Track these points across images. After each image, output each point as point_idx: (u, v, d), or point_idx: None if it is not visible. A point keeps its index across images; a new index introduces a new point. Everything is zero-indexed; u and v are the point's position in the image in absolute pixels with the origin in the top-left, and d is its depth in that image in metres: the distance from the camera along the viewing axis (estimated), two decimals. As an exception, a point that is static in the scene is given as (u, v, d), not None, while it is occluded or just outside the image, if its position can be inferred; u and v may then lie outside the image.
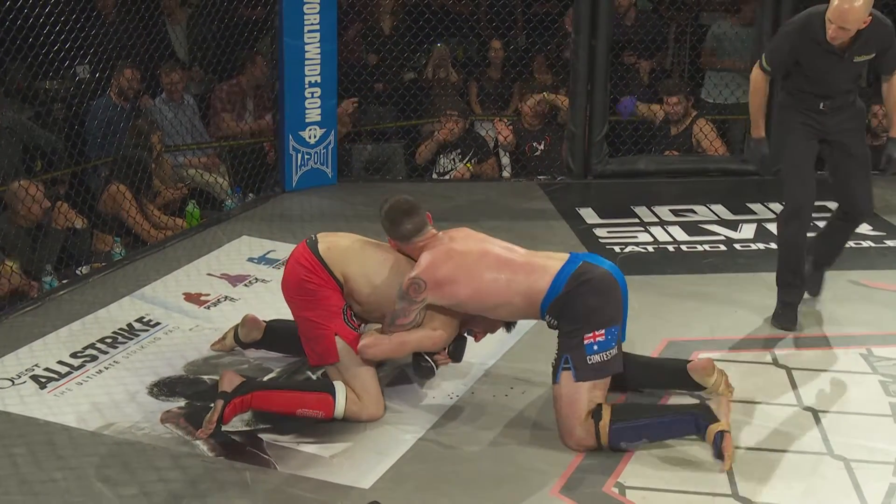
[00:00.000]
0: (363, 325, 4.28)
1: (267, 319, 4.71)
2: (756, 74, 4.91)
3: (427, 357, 4.20)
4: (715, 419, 3.87)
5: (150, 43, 6.88)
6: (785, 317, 5.02)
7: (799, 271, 5.01)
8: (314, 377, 4.48)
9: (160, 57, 7.23)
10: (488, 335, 4.40)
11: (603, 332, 3.94)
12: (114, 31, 6.97)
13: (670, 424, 3.94)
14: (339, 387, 4.12)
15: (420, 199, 6.57)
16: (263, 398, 4.08)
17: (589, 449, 3.92)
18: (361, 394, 4.14)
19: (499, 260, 4.08)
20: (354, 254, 4.21)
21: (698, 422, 3.88)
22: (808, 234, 5.06)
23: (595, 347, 3.93)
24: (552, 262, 4.08)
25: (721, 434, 3.84)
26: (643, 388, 4.33)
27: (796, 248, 4.97)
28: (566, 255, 4.13)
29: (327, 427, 4.10)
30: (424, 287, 4.02)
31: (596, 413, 3.90)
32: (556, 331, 4.05)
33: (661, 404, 4.17)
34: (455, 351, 4.25)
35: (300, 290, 4.18)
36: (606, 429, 3.88)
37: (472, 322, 4.27)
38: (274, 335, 4.67)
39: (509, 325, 4.35)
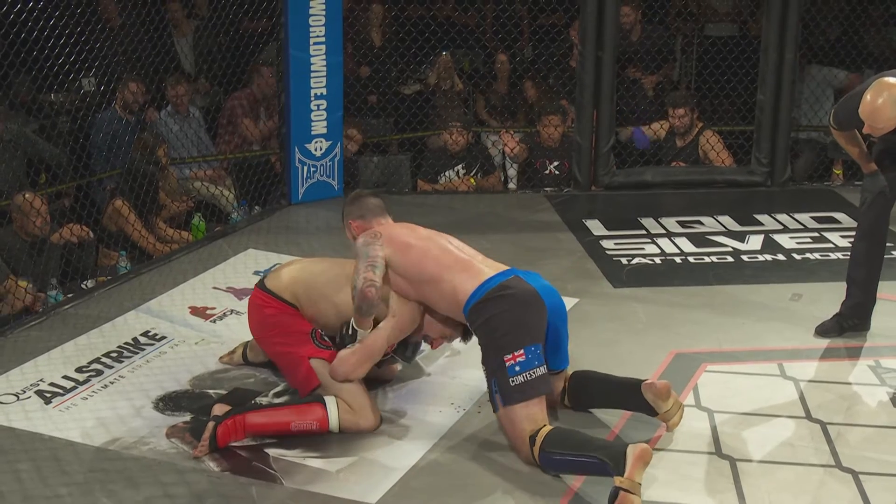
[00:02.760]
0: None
1: None
2: (833, 132, 4.98)
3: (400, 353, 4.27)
4: (621, 472, 3.56)
5: (156, 55, 6.89)
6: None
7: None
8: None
9: (166, 69, 7.24)
10: (445, 344, 4.43)
11: (522, 351, 3.86)
12: (119, 44, 6.98)
13: (586, 465, 3.74)
14: (330, 399, 4.14)
15: (425, 211, 6.62)
16: (255, 417, 4.09)
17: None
18: (353, 405, 4.14)
19: (443, 248, 4.16)
20: (298, 272, 4.37)
21: (608, 470, 3.64)
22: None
23: (517, 368, 3.85)
24: (486, 269, 4.07)
25: (616, 491, 3.55)
26: (599, 408, 4.26)
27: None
28: (505, 268, 4.12)
29: (333, 441, 4.08)
30: (379, 236, 4.12)
31: (532, 437, 3.82)
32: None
33: (590, 439, 3.80)
34: (408, 352, 4.30)
35: (263, 326, 4.33)
36: (538, 453, 3.82)
37: (430, 328, 4.27)
38: None
39: (466, 336, 4.32)
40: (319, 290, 4.29)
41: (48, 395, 4.49)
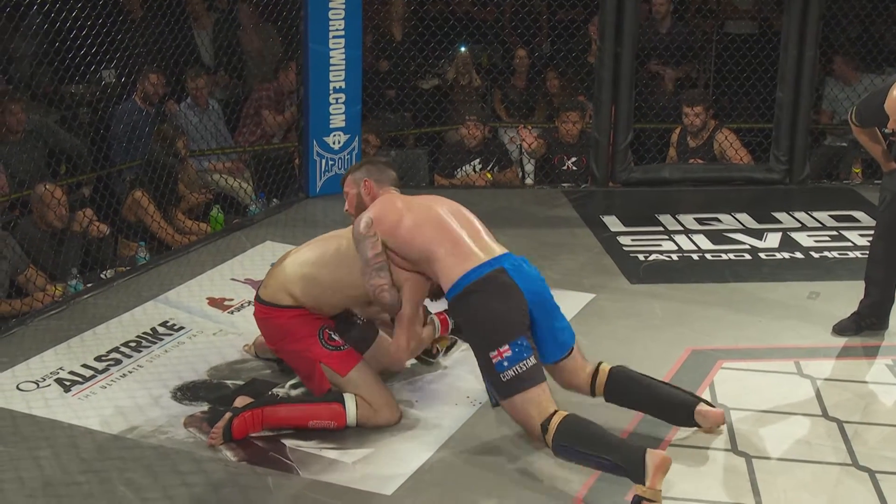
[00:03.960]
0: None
1: None
2: (854, 129, 4.97)
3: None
4: (640, 479, 3.57)
5: (176, 48, 6.92)
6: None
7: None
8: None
9: (186, 62, 7.27)
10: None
11: (507, 346, 3.81)
12: (140, 36, 7.01)
13: (602, 464, 3.71)
14: (348, 395, 4.14)
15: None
16: (274, 412, 4.11)
17: None
18: (371, 403, 4.15)
19: (437, 223, 4.06)
20: (288, 272, 4.28)
21: (623, 472, 3.64)
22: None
23: (505, 364, 3.80)
24: (476, 253, 3.98)
25: (639, 500, 3.57)
26: (640, 411, 4.18)
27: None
28: (497, 251, 4.02)
29: (349, 433, 4.10)
30: (371, 225, 4.06)
31: (545, 424, 3.78)
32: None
33: (604, 435, 3.74)
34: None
35: (274, 338, 4.32)
36: (551, 443, 3.78)
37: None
38: None
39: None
40: (316, 278, 4.22)
41: (68, 383, 4.52)
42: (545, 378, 3.93)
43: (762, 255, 6.15)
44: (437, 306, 4.48)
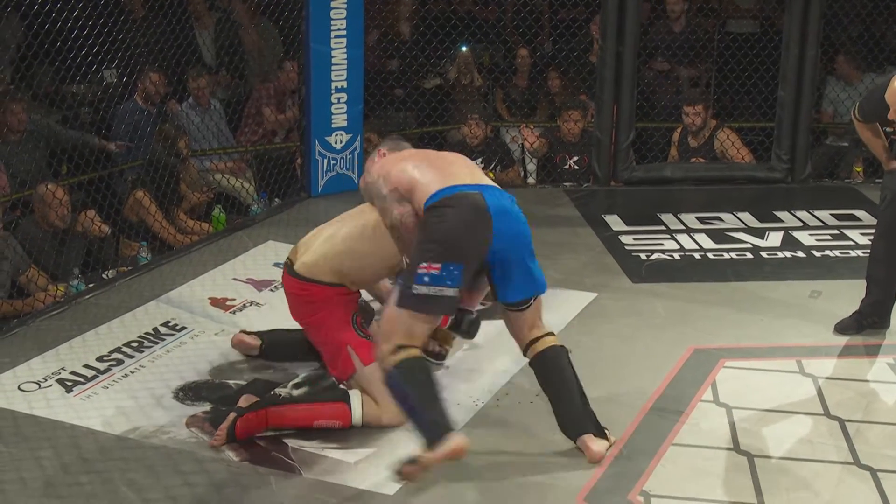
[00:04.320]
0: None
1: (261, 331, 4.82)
2: (857, 126, 4.97)
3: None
4: (431, 448, 3.55)
5: (178, 47, 6.92)
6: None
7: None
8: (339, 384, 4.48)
9: (187, 62, 7.27)
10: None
11: (439, 266, 3.66)
12: (141, 36, 7.02)
13: (415, 417, 3.63)
14: (354, 394, 4.13)
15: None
16: (278, 413, 4.09)
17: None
18: (379, 398, 4.11)
19: (430, 162, 4.03)
20: (328, 247, 4.26)
21: (425, 436, 3.58)
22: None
23: (426, 279, 3.66)
24: (461, 176, 3.91)
25: (412, 460, 3.57)
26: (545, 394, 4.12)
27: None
28: (486, 182, 3.96)
29: (352, 433, 4.09)
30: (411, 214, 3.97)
31: (401, 347, 3.68)
32: None
33: (437, 398, 3.65)
34: (463, 326, 4.15)
35: (304, 314, 4.31)
36: (391, 366, 3.67)
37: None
38: (273, 349, 4.74)
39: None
40: (359, 251, 4.22)
41: (69, 383, 4.52)
42: (450, 313, 3.90)
43: (764, 254, 6.15)
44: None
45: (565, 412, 4.00)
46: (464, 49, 8.38)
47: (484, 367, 4.66)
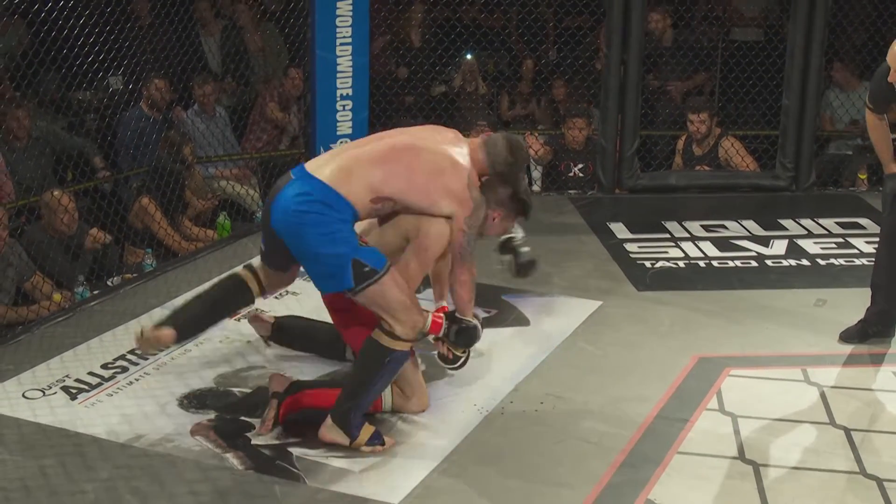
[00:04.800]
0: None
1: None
2: (867, 114, 4.97)
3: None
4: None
5: (184, 54, 6.93)
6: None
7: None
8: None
9: (193, 68, 7.28)
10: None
11: None
12: (147, 42, 7.03)
13: (364, 402, 4.06)
14: None
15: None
16: (314, 395, 4.19)
17: None
18: (405, 388, 4.24)
19: None
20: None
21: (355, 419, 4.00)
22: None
23: None
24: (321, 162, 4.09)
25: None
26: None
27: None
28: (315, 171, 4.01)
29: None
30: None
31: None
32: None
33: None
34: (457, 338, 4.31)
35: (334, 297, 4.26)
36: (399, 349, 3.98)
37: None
38: (283, 332, 4.82)
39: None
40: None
41: (74, 391, 4.52)
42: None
43: (769, 262, 6.14)
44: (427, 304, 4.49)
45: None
46: (469, 57, 8.38)
47: (489, 374, 4.66)
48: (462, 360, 4.48)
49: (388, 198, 4.03)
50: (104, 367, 4.74)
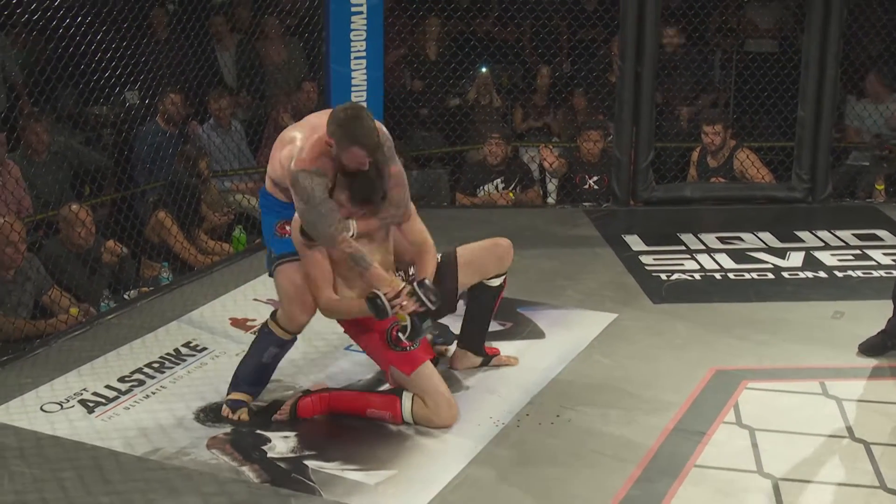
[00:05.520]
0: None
1: None
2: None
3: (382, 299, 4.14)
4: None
5: (199, 69, 6.96)
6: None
7: None
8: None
9: (209, 83, 7.31)
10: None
11: None
12: (163, 57, 7.06)
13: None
14: (407, 394, 4.28)
15: (463, 225, 6.63)
16: (339, 397, 4.38)
17: None
18: (428, 403, 4.26)
19: None
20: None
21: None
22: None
23: None
24: None
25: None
26: None
27: None
28: None
29: (372, 454, 4.09)
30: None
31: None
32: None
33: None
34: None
35: (351, 334, 4.50)
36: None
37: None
38: None
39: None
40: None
41: (91, 404, 4.53)
42: None
43: (785, 275, 6.12)
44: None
45: None
46: (483, 70, 8.40)
47: (504, 387, 4.65)
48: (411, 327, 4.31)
49: (273, 181, 4.41)
50: (121, 380, 4.76)
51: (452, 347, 4.89)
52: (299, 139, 4.22)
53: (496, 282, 4.67)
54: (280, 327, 4.44)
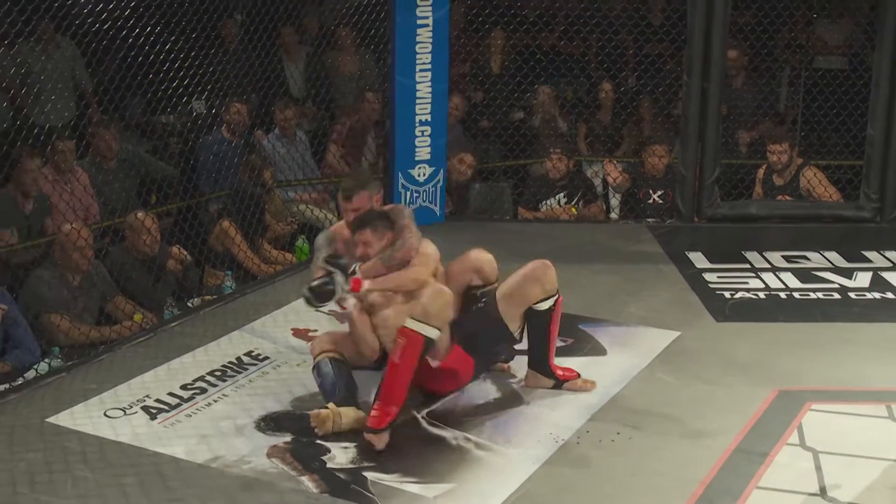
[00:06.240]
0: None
1: None
2: None
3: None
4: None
5: (266, 80, 7.02)
6: None
7: None
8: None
9: (275, 94, 7.37)
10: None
11: None
12: (231, 68, 7.14)
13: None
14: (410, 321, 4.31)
15: (525, 238, 6.61)
16: (390, 392, 4.29)
17: None
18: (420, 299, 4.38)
19: None
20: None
21: None
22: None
23: None
24: None
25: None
26: None
27: None
28: None
29: (432, 467, 4.09)
30: None
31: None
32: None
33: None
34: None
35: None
36: None
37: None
38: None
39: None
40: None
41: (154, 410, 4.58)
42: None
43: (852, 295, 6.03)
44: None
45: None
46: (546, 88, 8.37)
47: (565, 404, 4.63)
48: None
49: None
50: (183, 387, 4.80)
51: (514, 364, 4.88)
52: None
53: (544, 305, 4.65)
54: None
